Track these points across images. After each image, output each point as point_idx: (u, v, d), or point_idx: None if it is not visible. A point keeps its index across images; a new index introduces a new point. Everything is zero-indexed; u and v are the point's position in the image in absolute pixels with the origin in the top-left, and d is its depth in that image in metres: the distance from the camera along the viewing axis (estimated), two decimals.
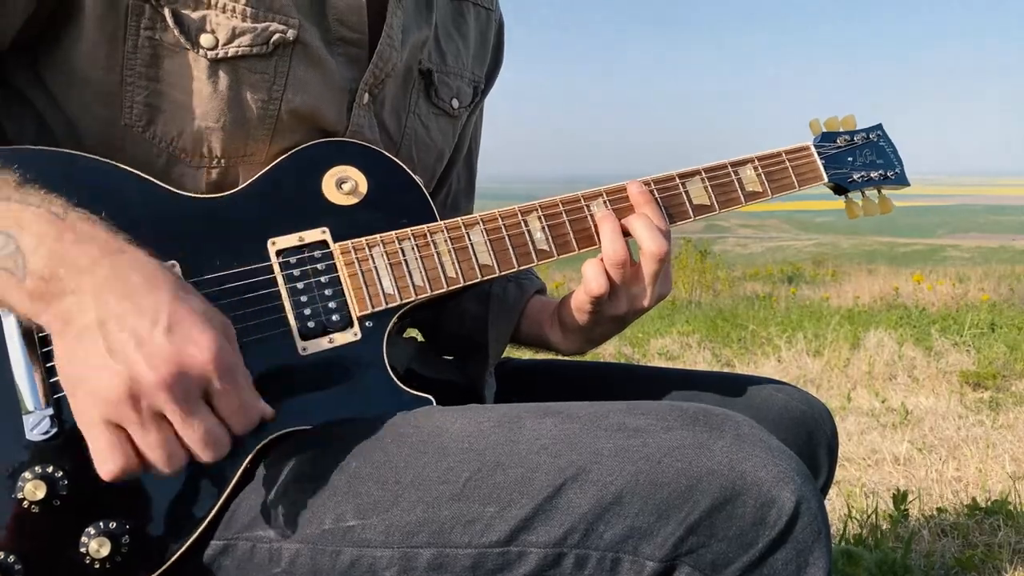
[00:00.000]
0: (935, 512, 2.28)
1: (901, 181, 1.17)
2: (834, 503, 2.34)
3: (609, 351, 5.15)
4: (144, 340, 0.67)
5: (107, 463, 0.69)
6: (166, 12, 0.84)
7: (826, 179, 1.11)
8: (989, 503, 2.26)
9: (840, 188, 1.14)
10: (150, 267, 0.72)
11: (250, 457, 0.82)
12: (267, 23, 0.87)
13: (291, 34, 0.89)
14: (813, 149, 1.11)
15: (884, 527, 2.16)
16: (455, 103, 1.12)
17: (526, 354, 1.28)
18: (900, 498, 2.18)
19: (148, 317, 0.68)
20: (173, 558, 0.78)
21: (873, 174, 1.15)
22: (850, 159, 1.13)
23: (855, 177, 1.14)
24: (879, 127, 1.17)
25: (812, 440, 1.08)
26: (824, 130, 1.14)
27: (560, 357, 1.23)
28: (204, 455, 0.70)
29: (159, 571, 0.77)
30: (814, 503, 0.73)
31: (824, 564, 0.73)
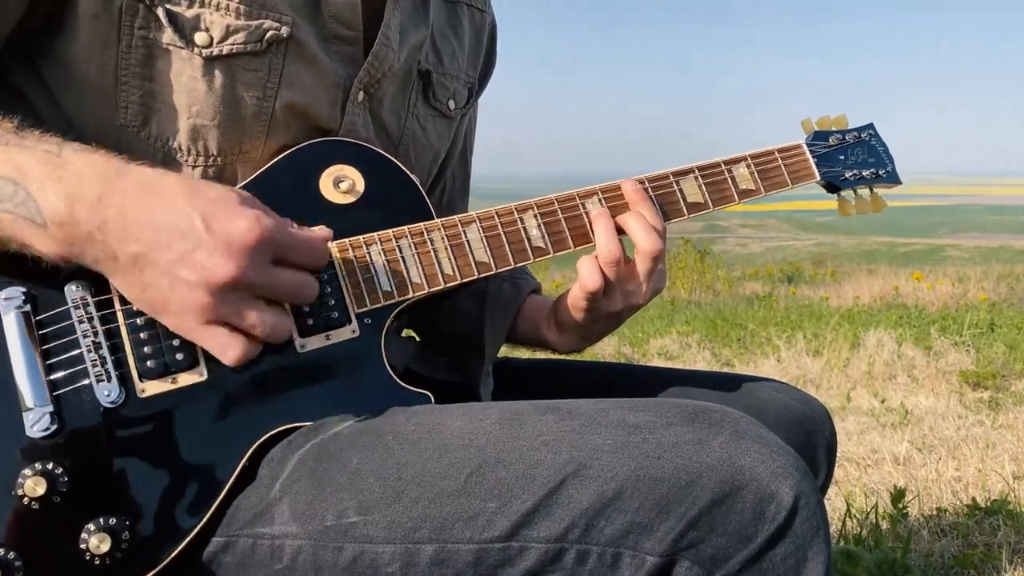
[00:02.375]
0: (935, 512, 2.28)
1: (892, 179, 1.18)
2: (834, 503, 2.35)
3: (609, 351, 5.15)
4: (195, 245, 0.73)
5: (227, 354, 0.77)
6: (160, 12, 0.84)
7: (818, 177, 1.12)
8: (989, 503, 2.26)
9: (832, 186, 1.15)
10: (154, 179, 0.76)
11: (248, 454, 0.82)
12: (261, 20, 0.88)
13: (284, 31, 0.89)
14: (805, 147, 1.11)
15: (883, 527, 2.16)
16: (452, 104, 1.13)
17: (524, 354, 1.28)
18: (898, 496, 2.18)
19: (183, 223, 0.73)
20: (173, 554, 0.78)
21: (865, 172, 1.16)
22: (842, 157, 1.15)
23: (847, 175, 1.15)
24: (870, 126, 1.18)
25: (811, 440, 1.08)
26: (816, 129, 1.15)
27: (558, 357, 1.23)
28: (303, 301, 0.81)
29: (159, 567, 0.77)
30: (812, 498, 0.74)
31: (823, 558, 0.73)
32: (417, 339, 1.25)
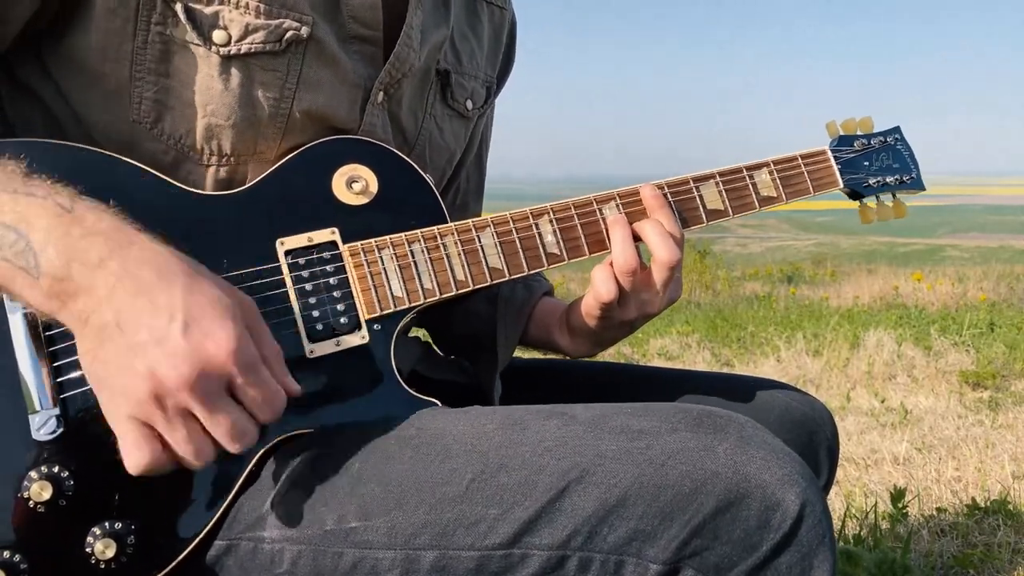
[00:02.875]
0: (934, 512, 2.29)
1: (917, 186, 1.14)
2: (834, 503, 2.35)
3: (609, 351, 5.14)
4: (162, 339, 0.67)
5: (135, 458, 0.69)
6: (178, 7, 0.83)
7: (842, 185, 1.08)
8: (988, 503, 2.26)
9: (855, 194, 1.11)
10: (160, 258, 0.71)
11: (255, 459, 0.82)
12: (280, 20, 0.86)
13: (304, 31, 0.88)
14: (830, 153, 1.08)
15: (883, 527, 2.16)
16: (469, 104, 1.11)
17: (528, 353, 1.28)
18: (898, 496, 2.18)
19: (164, 315, 0.68)
20: (178, 559, 0.78)
21: (889, 179, 1.12)
22: (866, 163, 1.11)
23: (871, 182, 1.11)
24: (897, 130, 1.14)
25: (813, 442, 1.08)
26: (841, 132, 1.11)
27: (563, 358, 1.23)
28: (232, 447, 0.71)
29: (164, 572, 0.77)
30: (818, 506, 0.73)
31: (829, 567, 0.73)
32: (424, 340, 1.24)
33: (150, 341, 0.67)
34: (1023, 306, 6.79)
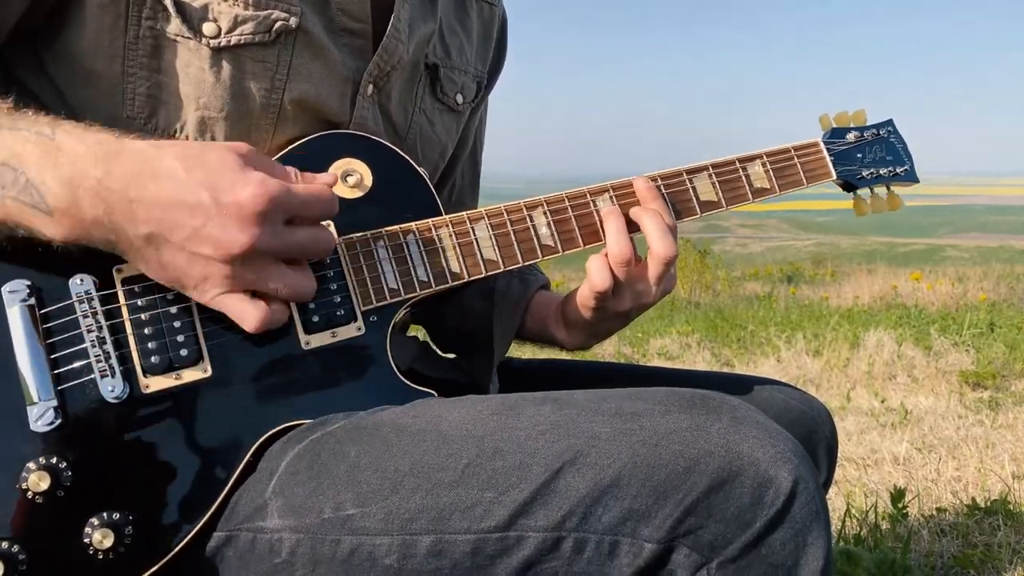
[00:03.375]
0: (934, 512, 2.28)
1: (911, 178, 1.15)
2: (834, 503, 2.35)
3: (608, 351, 5.16)
4: (205, 220, 0.73)
5: (251, 321, 0.78)
6: (167, 1, 0.84)
7: (835, 176, 1.09)
8: (988, 503, 2.26)
9: (849, 185, 1.12)
10: (151, 154, 0.75)
11: (253, 449, 0.82)
12: (269, 10, 0.87)
13: (293, 22, 0.88)
14: (823, 145, 1.09)
15: (883, 527, 2.16)
16: (459, 98, 1.12)
17: (527, 353, 1.28)
18: (898, 496, 2.18)
19: (190, 200, 0.73)
20: (175, 549, 0.78)
21: (883, 171, 1.13)
22: (859, 155, 1.12)
23: (864, 174, 1.12)
24: (890, 122, 1.15)
25: (812, 440, 1.08)
26: (834, 125, 1.12)
27: (561, 357, 1.23)
28: (319, 255, 0.83)
29: (161, 562, 0.77)
30: (811, 483, 0.73)
31: (823, 543, 0.73)
32: (422, 338, 1.24)
33: (197, 226, 0.73)
34: (1023, 306, 6.80)
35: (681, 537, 0.72)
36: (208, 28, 0.85)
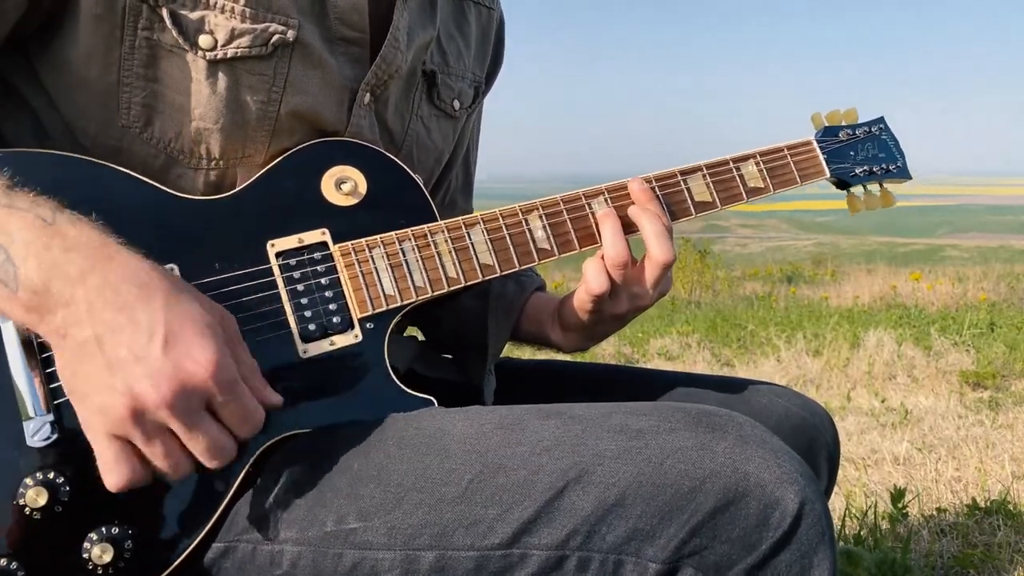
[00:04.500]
0: (935, 512, 2.28)
1: (903, 175, 1.16)
2: (834, 503, 2.34)
3: (608, 351, 5.16)
4: (142, 356, 0.67)
5: (114, 475, 0.70)
6: (164, 12, 0.83)
7: (828, 174, 1.10)
8: (988, 503, 2.26)
9: (842, 183, 1.13)
10: (142, 273, 0.71)
11: (252, 461, 0.81)
12: (266, 24, 0.87)
13: (291, 35, 0.88)
14: (815, 144, 1.10)
15: (883, 527, 2.16)
16: (456, 104, 1.12)
17: (526, 353, 1.28)
18: (898, 496, 2.18)
19: (144, 331, 0.68)
20: (176, 563, 0.77)
21: (875, 168, 1.14)
22: (852, 153, 1.13)
23: (857, 171, 1.13)
24: (881, 120, 1.16)
25: (813, 447, 1.07)
26: (826, 124, 1.13)
27: (560, 358, 1.23)
28: (210, 463, 0.72)
29: None
30: (818, 504, 0.73)
31: (828, 566, 0.72)
32: (419, 338, 1.24)
33: (130, 358, 0.67)
34: (1023, 306, 6.79)
35: (686, 558, 0.72)
36: (204, 40, 0.84)
